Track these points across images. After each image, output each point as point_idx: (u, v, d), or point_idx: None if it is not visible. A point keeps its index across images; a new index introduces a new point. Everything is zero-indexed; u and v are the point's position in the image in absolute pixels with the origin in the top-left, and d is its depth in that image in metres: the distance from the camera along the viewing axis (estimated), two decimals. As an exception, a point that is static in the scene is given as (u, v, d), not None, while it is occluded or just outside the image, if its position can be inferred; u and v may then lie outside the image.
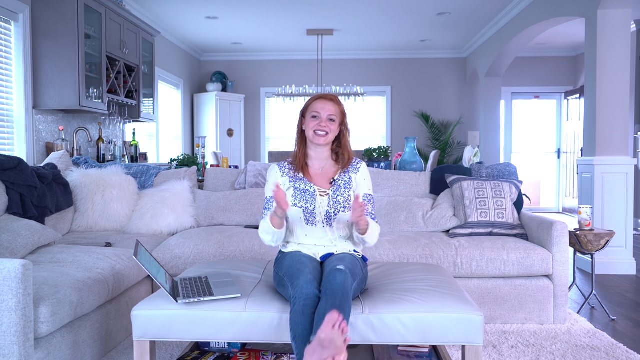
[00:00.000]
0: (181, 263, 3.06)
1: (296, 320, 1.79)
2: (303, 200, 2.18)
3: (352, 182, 2.25)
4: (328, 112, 2.20)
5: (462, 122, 9.17)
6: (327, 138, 2.20)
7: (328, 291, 1.82)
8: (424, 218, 3.50)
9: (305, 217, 2.17)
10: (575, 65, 9.02)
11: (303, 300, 1.82)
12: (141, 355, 1.90)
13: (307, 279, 1.89)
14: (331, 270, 1.93)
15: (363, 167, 2.30)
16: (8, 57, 4.24)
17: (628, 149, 4.57)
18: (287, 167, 2.28)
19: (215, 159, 6.88)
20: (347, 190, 2.22)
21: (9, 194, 2.94)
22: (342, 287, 1.82)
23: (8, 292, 1.77)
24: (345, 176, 2.25)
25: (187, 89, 8.57)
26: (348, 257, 2.06)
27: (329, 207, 2.17)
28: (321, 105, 2.21)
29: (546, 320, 3.01)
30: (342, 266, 1.94)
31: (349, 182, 2.25)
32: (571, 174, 8.82)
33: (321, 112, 2.20)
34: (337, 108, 2.23)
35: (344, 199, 2.19)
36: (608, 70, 4.48)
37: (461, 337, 1.86)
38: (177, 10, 6.59)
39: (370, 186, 2.31)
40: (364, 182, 2.28)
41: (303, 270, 1.95)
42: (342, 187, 2.22)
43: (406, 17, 6.98)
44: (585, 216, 3.36)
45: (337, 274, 1.88)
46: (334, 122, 2.21)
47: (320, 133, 2.18)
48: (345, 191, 2.21)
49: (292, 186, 2.21)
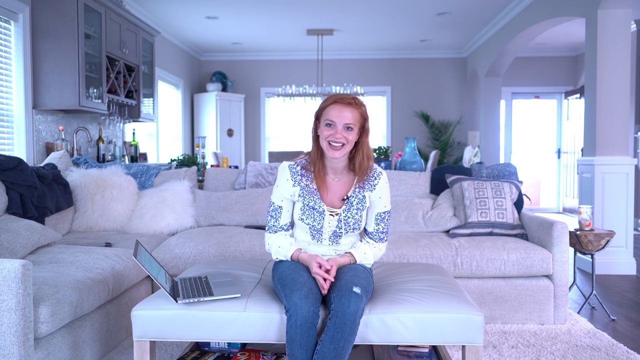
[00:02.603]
0: (181, 263, 3.06)
1: (293, 352, 1.75)
2: (311, 218, 2.03)
3: (366, 201, 2.06)
4: (345, 120, 1.94)
5: (462, 122, 9.17)
6: (342, 150, 1.96)
7: (338, 321, 1.74)
8: (424, 218, 3.50)
9: (312, 233, 2.07)
10: (575, 65, 9.02)
11: (299, 326, 1.74)
12: (141, 355, 1.90)
13: (302, 294, 1.77)
14: (346, 290, 1.79)
15: (381, 184, 2.07)
16: (8, 57, 4.24)
17: (628, 149, 4.56)
18: (299, 172, 2.05)
19: (215, 159, 6.88)
20: (359, 211, 2.06)
21: (9, 194, 2.93)
22: (353, 318, 1.74)
23: (8, 292, 1.77)
24: (360, 193, 2.05)
25: (187, 89, 8.56)
26: (360, 270, 1.96)
27: (337, 228, 2.05)
28: (337, 111, 1.95)
29: (546, 320, 3.01)
30: (358, 289, 1.80)
31: (363, 200, 2.06)
32: (571, 174, 8.82)
33: (336, 120, 1.94)
34: (357, 113, 1.96)
35: (354, 220, 2.05)
36: (608, 70, 4.48)
37: (461, 337, 1.86)
38: (177, 10, 6.59)
39: (386, 202, 2.10)
40: (379, 201, 2.08)
41: (297, 280, 1.84)
42: (354, 207, 2.05)
43: (406, 17, 6.98)
44: (585, 216, 3.36)
45: (353, 299, 1.76)
46: (351, 131, 1.96)
47: (335, 145, 1.95)
48: (357, 212, 2.05)
49: (302, 200, 2.04)
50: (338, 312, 1.75)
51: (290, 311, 1.76)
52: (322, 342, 1.75)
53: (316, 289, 1.86)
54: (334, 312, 1.76)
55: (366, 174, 2.04)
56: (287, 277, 1.88)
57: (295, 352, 1.75)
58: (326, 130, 1.96)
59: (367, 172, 2.04)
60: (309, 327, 1.75)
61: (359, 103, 1.99)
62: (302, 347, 1.74)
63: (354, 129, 1.96)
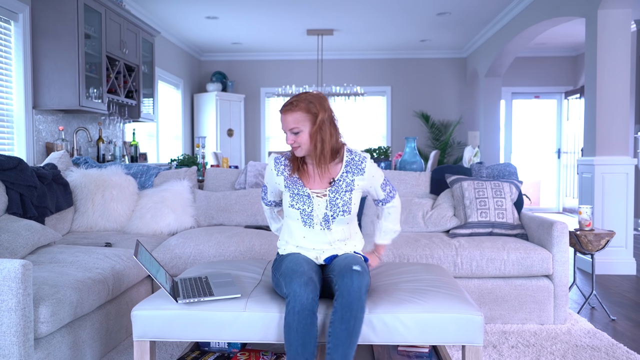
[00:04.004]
0: (181, 263, 3.06)
1: (290, 339, 1.76)
2: (300, 202, 2.09)
3: (355, 185, 2.11)
4: (289, 125, 2.04)
5: (462, 122, 9.17)
6: (301, 150, 2.06)
7: (344, 300, 1.78)
8: (424, 218, 3.50)
9: (303, 218, 2.10)
10: (575, 65, 9.02)
11: (297, 312, 1.76)
12: (141, 355, 1.90)
13: (302, 281, 1.82)
14: (346, 269, 1.86)
15: (368, 165, 2.13)
16: (8, 57, 4.24)
17: (628, 149, 4.56)
18: (283, 163, 2.15)
19: (215, 159, 6.88)
20: (347, 193, 2.09)
21: (9, 194, 2.93)
22: (358, 295, 1.78)
23: (8, 292, 1.77)
24: (348, 177, 2.10)
25: (187, 89, 8.56)
26: (357, 259, 2.00)
27: (327, 210, 2.08)
28: (282, 120, 2.07)
29: (546, 320, 3.01)
30: (358, 267, 1.87)
31: (351, 184, 2.10)
32: (571, 174, 8.82)
33: (284, 128, 2.07)
34: (297, 114, 2.02)
35: (343, 202, 2.08)
36: (608, 70, 4.48)
37: (461, 337, 1.86)
38: (177, 10, 6.59)
39: (380, 179, 2.17)
40: (375, 179, 2.15)
41: (297, 270, 1.89)
42: (343, 190, 2.09)
43: (406, 17, 6.98)
44: (585, 216, 3.36)
45: (355, 276, 1.82)
46: (300, 133, 2.03)
47: (295, 146, 2.06)
48: (345, 194, 2.09)
49: (288, 189, 2.12)
50: (343, 291, 1.80)
51: (289, 297, 1.80)
52: (333, 324, 1.78)
53: (316, 279, 1.91)
54: (339, 292, 1.81)
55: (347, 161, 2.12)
56: (287, 269, 1.93)
57: (291, 338, 1.76)
58: (286, 138, 2.09)
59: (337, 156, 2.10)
60: (307, 314, 1.77)
61: (298, 102, 2.03)
62: (299, 334, 1.75)
63: (304, 128, 2.03)
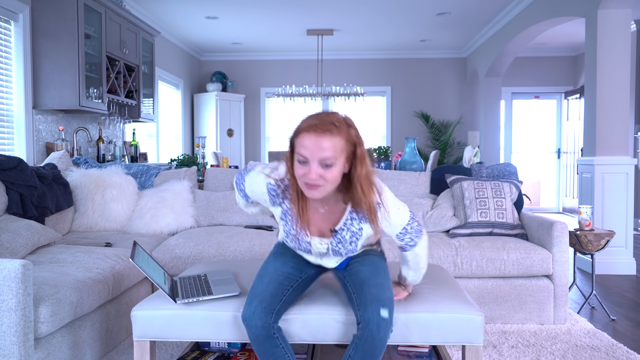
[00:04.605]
0: (181, 263, 3.06)
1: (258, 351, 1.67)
2: (295, 243, 1.73)
3: (363, 233, 1.67)
4: (320, 154, 1.47)
5: (462, 122, 9.17)
6: (321, 191, 1.53)
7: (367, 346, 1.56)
8: (424, 218, 3.50)
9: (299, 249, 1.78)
10: (575, 65, 9.02)
11: (253, 340, 1.65)
12: (141, 355, 1.90)
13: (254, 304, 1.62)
14: (373, 311, 1.54)
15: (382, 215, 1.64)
16: (8, 57, 4.24)
17: (628, 149, 4.56)
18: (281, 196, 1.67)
19: (215, 159, 6.88)
20: (353, 242, 1.69)
21: (9, 194, 2.93)
22: (381, 344, 1.57)
23: (8, 292, 1.77)
24: (354, 225, 1.65)
25: (187, 89, 8.57)
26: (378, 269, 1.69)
27: (327, 251, 1.74)
28: (311, 141, 1.48)
29: (546, 320, 3.01)
30: (386, 311, 1.55)
31: (358, 233, 1.66)
32: (571, 174, 8.82)
33: (309, 155, 1.49)
34: (337, 142, 1.49)
35: (346, 251, 1.71)
36: (608, 70, 4.48)
37: (461, 337, 1.86)
38: (177, 10, 6.59)
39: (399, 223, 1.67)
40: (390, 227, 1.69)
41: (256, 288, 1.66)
42: (346, 240, 1.69)
43: (406, 17, 6.98)
44: (585, 216, 3.36)
45: (382, 324, 1.53)
46: (332, 168, 1.50)
47: (315, 184, 1.51)
48: (350, 244, 1.70)
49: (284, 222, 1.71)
50: (367, 337, 1.57)
51: (246, 323, 1.67)
52: None
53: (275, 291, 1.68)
54: (362, 335, 1.57)
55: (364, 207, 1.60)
56: (255, 279, 1.75)
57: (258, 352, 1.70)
58: (299, 168, 1.52)
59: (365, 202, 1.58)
60: (262, 341, 1.65)
61: (341, 125, 1.50)
62: (262, 357, 1.69)
63: (337, 163, 1.50)
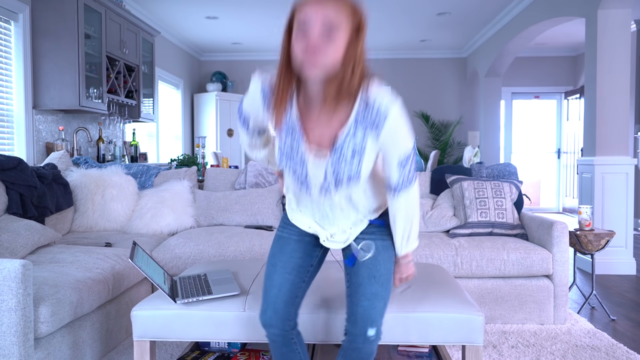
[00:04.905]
0: (181, 263, 3.06)
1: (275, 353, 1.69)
2: (289, 160, 1.48)
3: (365, 145, 1.42)
4: (327, 17, 1.29)
5: (462, 122, 9.17)
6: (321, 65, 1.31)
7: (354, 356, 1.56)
8: (424, 218, 3.50)
9: (297, 179, 1.52)
10: (575, 65, 9.02)
11: (271, 343, 1.67)
12: (141, 355, 1.90)
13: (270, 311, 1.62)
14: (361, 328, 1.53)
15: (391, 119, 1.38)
16: (8, 57, 4.24)
17: (628, 149, 4.57)
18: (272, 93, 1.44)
19: (215, 159, 6.88)
20: (353, 158, 1.43)
21: (9, 194, 2.93)
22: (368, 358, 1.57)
23: (8, 292, 1.77)
24: (359, 131, 1.40)
25: (187, 89, 8.56)
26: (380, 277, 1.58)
27: (323, 180, 1.48)
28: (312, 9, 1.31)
29: (546, 320, 3.01)
30: (373, 331, 1.54)
31: (362, 144, 1.41)
32: (571, 174, 8.82)
33: (312, 15, 1.30)
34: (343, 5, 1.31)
35: (348, 174, 1.45)
36: (608, 70, 4.48)
37: (461, 337, 1.86)
38: (177, 10, 6.59)
39: (405, 140, 1.42)
40: (394, 146, 1.43)
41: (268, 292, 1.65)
42: (349, 156, 1.43)
43: (406, 17, 6.98)
44: (585, 216, 3.36)
45: (368, 341, 1.54)
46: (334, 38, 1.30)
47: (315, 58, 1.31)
48: (351, 160, 1.43)
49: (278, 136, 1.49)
50: (354, 349, 1.56)
51: (264, 328, 1.67)
52: None
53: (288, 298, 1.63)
54: (349, 347, 1.57)
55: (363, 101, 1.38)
56: (264, 278, 1.69)
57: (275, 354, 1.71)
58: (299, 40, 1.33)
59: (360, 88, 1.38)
60: (279, 345, 1.67)
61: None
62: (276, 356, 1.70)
63: (340, 29, 1.31)
